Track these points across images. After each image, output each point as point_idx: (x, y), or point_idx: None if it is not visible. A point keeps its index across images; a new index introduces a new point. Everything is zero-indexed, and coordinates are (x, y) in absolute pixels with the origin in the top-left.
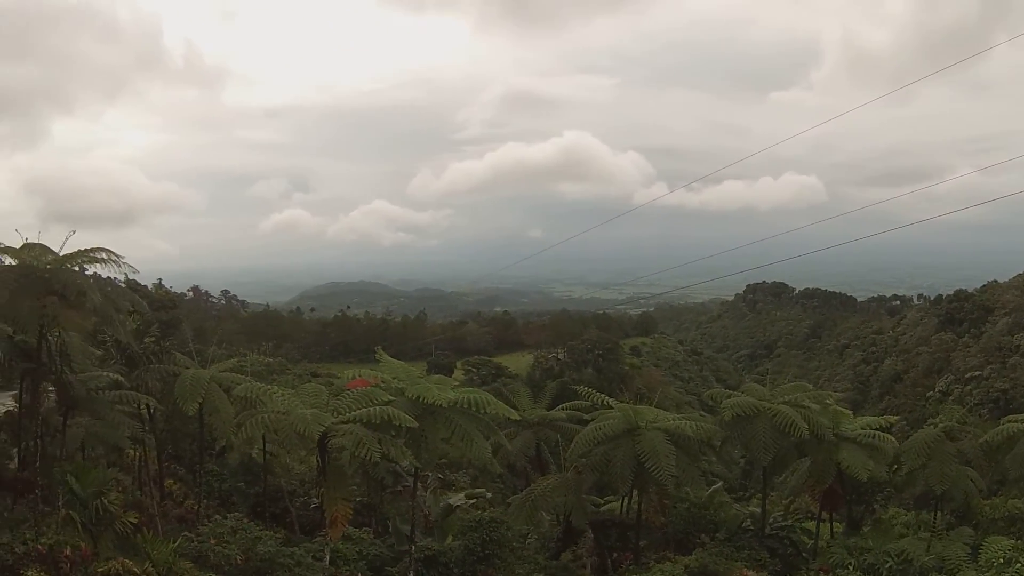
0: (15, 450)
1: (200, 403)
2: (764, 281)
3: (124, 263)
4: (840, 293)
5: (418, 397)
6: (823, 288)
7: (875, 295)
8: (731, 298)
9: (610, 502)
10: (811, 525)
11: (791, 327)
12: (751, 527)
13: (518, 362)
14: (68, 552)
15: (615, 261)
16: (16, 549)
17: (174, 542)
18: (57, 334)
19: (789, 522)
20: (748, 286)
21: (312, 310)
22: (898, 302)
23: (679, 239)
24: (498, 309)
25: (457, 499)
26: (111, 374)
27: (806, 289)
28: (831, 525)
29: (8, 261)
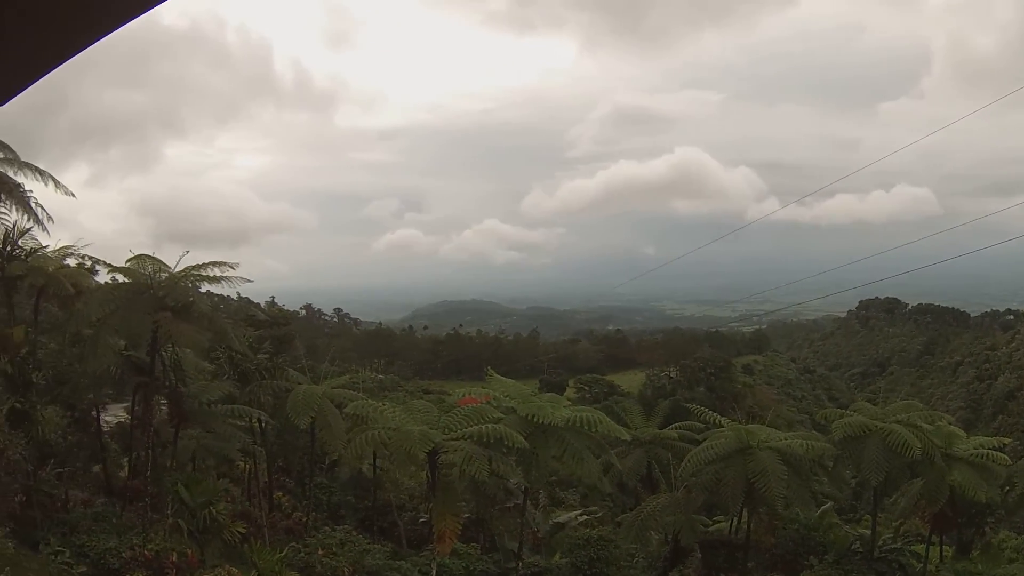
0: (125, 459)
1: (312, 418)
2: (877, 297)
3: (236, 276)
4: (953, 308)
5: (531, 416)
6: (936, 303)
7: (988, 309)
8: (844, 315)
9: (719, 522)
10: (920, 548)
11: (904, 344)
12: (860, 549)
13: (630, 380)
14: (174, 558)
15: (728, 277)
16: (123, 553)
17: (281, 552)
18: (170, 348)
19: (898, 545)
20: (861, 302)
21: (425, 328)
22: (1011, 316)
23: (792, 255)
24: (611, 327)
25: (566, 517)
26: (224, 388)
27: (919, 305)
28: (940, 548)
29: (120, 279)
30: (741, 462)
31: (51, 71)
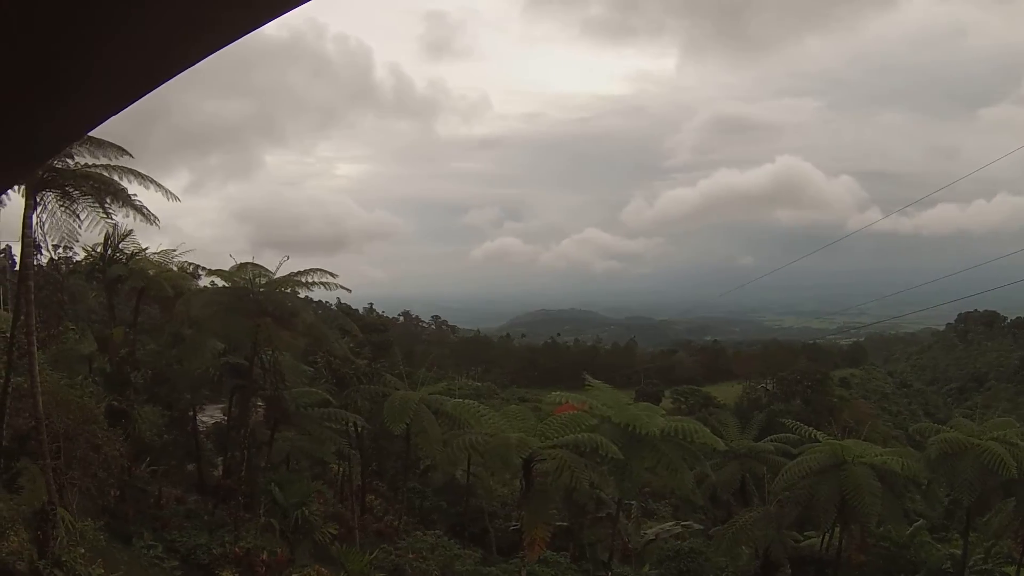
0: (220, 459)
1: (407, 423)
2: (976, 310)
3: (337, 284)
4: None
5: (627, 424)
6: None
7: None
8: (942, 328)
9: (809, 537)
10: (1012, 570)
11: (1002, 358)
12: (951, 569)
13: (727, 392)
14: (264, 556)
15: (827, 289)
16: (213, 550)
17: (371, 554)
18: (270, 353)
19: (989, 566)
20: (959, 315)
21: (523, 336)
22: None
23: (892, 265)
24: (708, 338)
25: (657, 528)
26: (321, 392)
27: (1018, 318)
28: None
29: (220, 283)
30: (835, 477)
31: (166, 82)
